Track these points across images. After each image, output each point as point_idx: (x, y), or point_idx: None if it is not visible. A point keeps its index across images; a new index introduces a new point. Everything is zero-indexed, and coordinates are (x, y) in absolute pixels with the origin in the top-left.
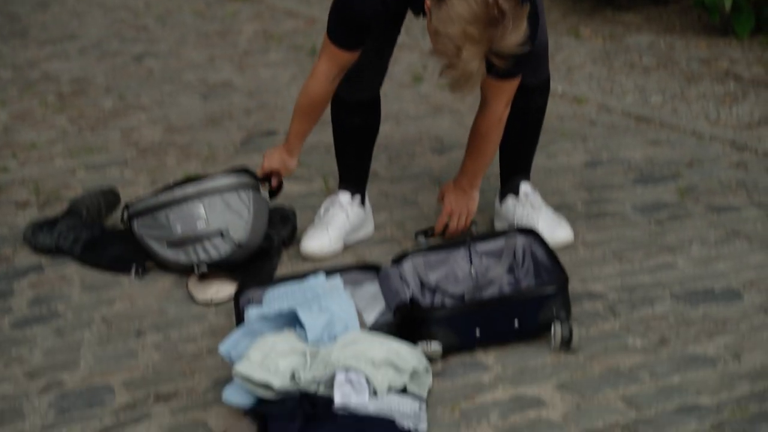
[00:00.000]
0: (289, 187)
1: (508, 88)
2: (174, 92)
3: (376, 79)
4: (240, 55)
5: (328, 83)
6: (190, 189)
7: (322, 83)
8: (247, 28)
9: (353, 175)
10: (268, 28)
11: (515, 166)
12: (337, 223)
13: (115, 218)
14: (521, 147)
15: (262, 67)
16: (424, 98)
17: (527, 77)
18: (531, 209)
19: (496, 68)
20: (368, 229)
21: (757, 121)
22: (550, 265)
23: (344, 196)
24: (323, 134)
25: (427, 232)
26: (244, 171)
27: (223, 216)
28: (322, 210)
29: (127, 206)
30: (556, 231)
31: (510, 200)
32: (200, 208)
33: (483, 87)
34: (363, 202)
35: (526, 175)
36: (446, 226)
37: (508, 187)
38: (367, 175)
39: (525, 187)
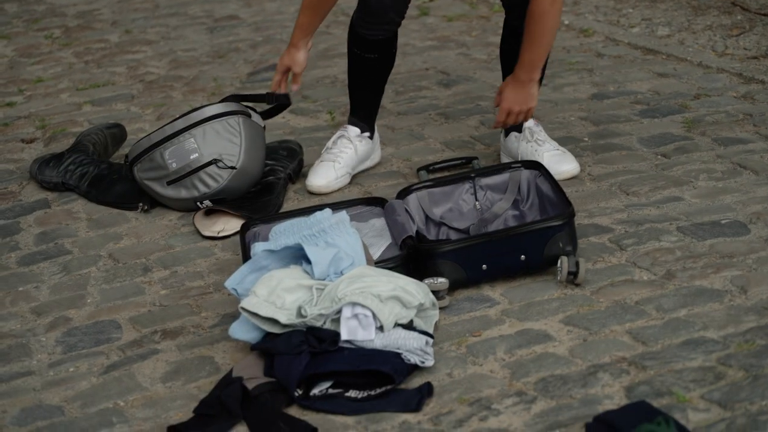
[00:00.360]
0: (295, 121)
1: None
2: (180, 26)
3: (396, 17)
4: None
5: None
6: (178, 123)
7: None
8: None
9: (365, 109)
10: None
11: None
12: (344, 158)
13: (122, 154)
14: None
15: (268, 0)
16: (431, 31)
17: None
18: (535, 144)
19: None
20: (375, 158)
21: (765, 52)
22: (555, 198)
23: (353, 131)
24: (328, 68)
25: (429, 168)
26: (232, 98)
27: (215, 144)
28: (330, 143)
29: (126, 156)
30: (561, 165)
31: (513, 135)
32: (191, 141)
33: None
34: (372, 136)
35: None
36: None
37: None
38: (377, 109)
39: (528, 122)
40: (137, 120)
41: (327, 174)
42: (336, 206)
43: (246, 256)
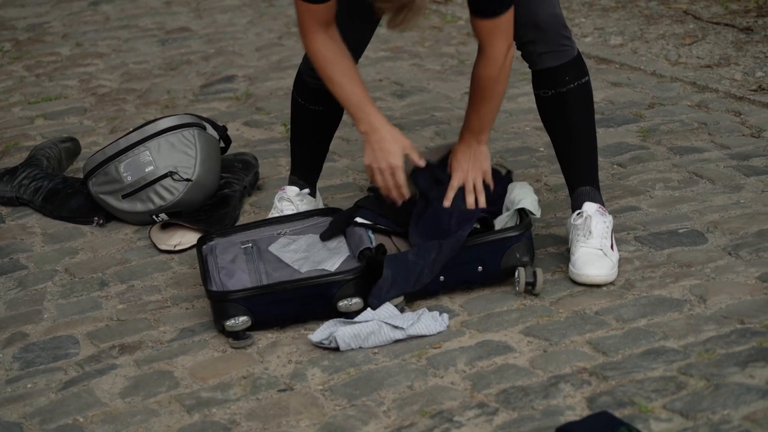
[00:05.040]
0: (250, 133)
1: (501, 26)
2: (131, 38)
3: None
4: (197, 0)
5: (327, 40)
6: (133, 136)
7: (323, 46)
8: None
9: (306, 167)
10: None
11: (572, 176)
12: None
13: (76, 168)
14: (573, 149)
15: (219, 12)
16: (384, 42)
17: (548, 60)
18: (580, 235)
19: (475, 5)
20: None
21: (717, 61)
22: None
23: (292, 190)
24: (281, 80)
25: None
26: (186, 114)
27: (170, 157)
28: (276, 201)
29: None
30: (586, 267)
31: (572, 217)
32: (146, 154)
33: (475, 32)
34: (312, 193)
35: (590, 187)
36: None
37: (573, 201)
38: (320, 168)
39: (588, 207)
40: (90, 133)
41: None
42: (292, 218)
43: (203, 270)
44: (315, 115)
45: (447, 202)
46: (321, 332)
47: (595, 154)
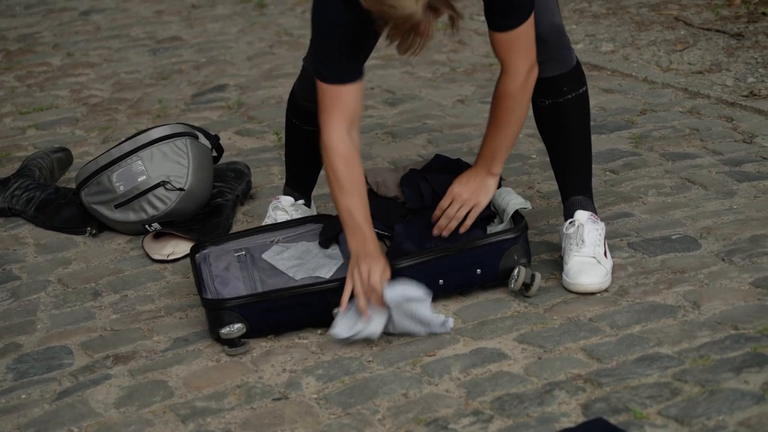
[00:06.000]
0: (242, 142)
1: (520, 40)
2: (122, 48)
3: None
4: (187, 9)
5: (347, 140)
6: (125, 146)
7: (341, 144)
8: None
9: (300, 181)
10: None
11: (566, 185)
12: None
13: (68, 178)
14: (569, 159)
15: (210, 21)
16: (375, 50)
17: (547, 69)
18: (573, 244)
19: (493, 20)
20: None
21: (709, 66)
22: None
23: (287, 200)
24: (273, 88)
25: None
26: (178, 124)
27: (162, 166)
28: (270, 210)
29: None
30: (580, 276)
31: (564, 226)
32: (138, 163)
33: (494, 49)
34: (307, 203)
35: (583, 196)
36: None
37: (565, 210)
38: (314, 181)
39: (580, 216)
40: (82, 143)
41: None
42: (285, 225)
43: (197, 278)
44: (309, 134)
45: (434, 220)
46: (345, 325)
47: (589, 164)
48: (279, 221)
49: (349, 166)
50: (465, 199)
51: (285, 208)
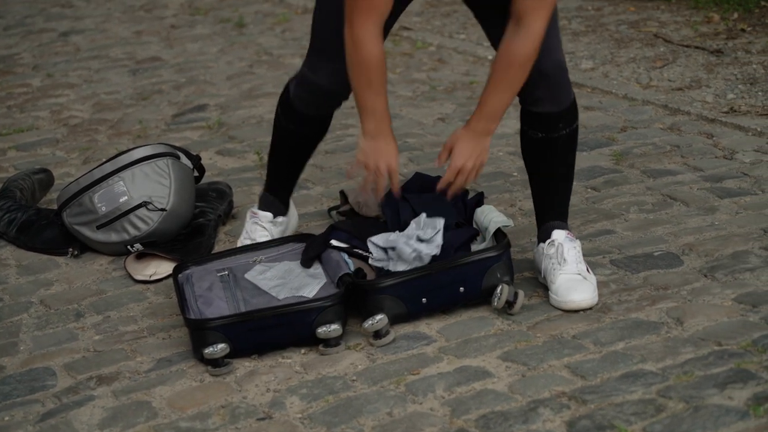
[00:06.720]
0: (223, 162)
1: (548, 3)
2: (102, 69)
3: (340, 99)
4: (167, 29)
5: (380, 42)
6: (107, 167)
7: (375, 46)
8: (173, 2)
9: (282, 184)
10: (193, 1)
11: (545, 211)
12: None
13: (50, 199)
14: (553, 189)
15: (190, 41)
16: None
17: (545, 104)
18: (556, 263)
19: None
20: (293, 226)
21: (688, 83)
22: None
23: (265, 216)
24: (253, 108)
25: (339, 208)
26: (160, 144)
27: (144, 187)
28: (248, 222)
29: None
30: (571, 293)
31: (540, 248)
32: (120, 184)
33: (516, 6)
34: (286, 211)
35: (561, 219)
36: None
37: (540, 233)
38: (295, 182)
39: (558, 235)
40: (63, 164)
41: None
42: (268, 245)
43: (180, 298)
44: (300, 136)
45: (442, 185)
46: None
47: (569, 193)
48: (256, 237)
49: (380, 68)
50: (470, 168)
51: (263, 224)
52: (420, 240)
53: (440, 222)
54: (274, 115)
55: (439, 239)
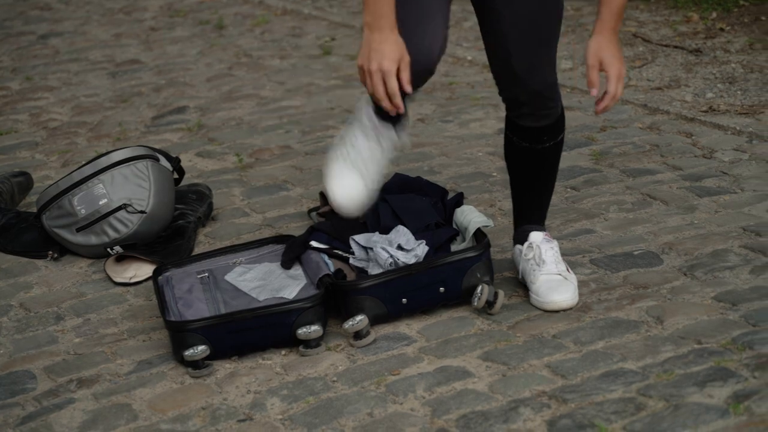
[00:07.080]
0: (203, 164)
1: None
2: (81, 71)
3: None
4: (146, 31)
5: None
6: (86, 169)
7: None
8: (152, 4)
9: None
10: (173, 4)
11: (523, 215)
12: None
13: (29, 202)
14: (533, 195)
15: (169, 43)
16: (335, 70)
17: (532, 120)
18: (534, 264)
19: None
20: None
21: (668, 83)
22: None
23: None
24: (233, 110)
25: (319, 209)
26: (139, 146)
27: (124, 189)
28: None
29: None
30: (551, 293)
31: (517, 250)
32: (100, 186)
33: None
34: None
35: (538, 222)
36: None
37: (517, 235)
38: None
39: (535, 237)
40: (42, 167)
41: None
42: (247, 246)
43: (161, 301)
44: None
45: (595, 91)
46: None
47: (550, 197)
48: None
49: None
50: (625, 71)
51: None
52: (400, 248)
53: (423, 247)
54: (254, 116)
55: (419, 252)
